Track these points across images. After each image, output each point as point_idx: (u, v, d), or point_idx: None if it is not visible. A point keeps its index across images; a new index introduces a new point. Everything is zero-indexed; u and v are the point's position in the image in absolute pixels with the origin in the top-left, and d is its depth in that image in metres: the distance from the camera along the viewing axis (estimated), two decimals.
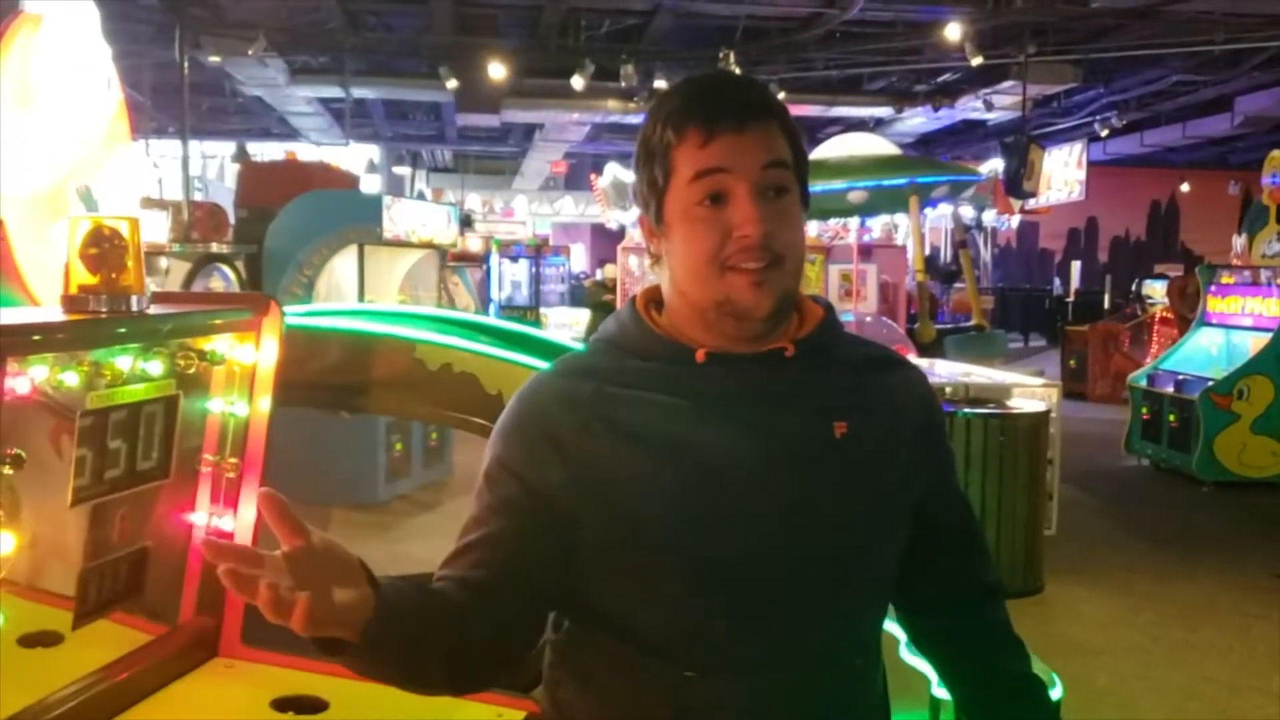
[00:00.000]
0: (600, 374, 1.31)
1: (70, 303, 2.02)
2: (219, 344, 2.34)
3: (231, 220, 9.36)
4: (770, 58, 14.89)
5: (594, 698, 1.32)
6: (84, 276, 2.04)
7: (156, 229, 8.45)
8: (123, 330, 2.06)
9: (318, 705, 2.31)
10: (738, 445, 1.26)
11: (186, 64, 10.59)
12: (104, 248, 2.05)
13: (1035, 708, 1.49)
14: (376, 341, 2.92)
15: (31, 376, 1.87)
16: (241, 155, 18.97)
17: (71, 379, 1.92)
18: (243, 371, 2.45)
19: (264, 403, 2.47)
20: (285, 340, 2.58)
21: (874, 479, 1.33)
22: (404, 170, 28.02)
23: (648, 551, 1.25)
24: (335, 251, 8.43)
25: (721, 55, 12.96)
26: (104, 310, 2.03)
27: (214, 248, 8.37)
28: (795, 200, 1.30)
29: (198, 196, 21.61)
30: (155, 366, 2.13)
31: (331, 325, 2.98)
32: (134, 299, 2.07)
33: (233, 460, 2.45)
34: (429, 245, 9.13)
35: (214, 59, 14.04)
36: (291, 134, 22.19)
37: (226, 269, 8.35)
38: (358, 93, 17.48)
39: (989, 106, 16.58)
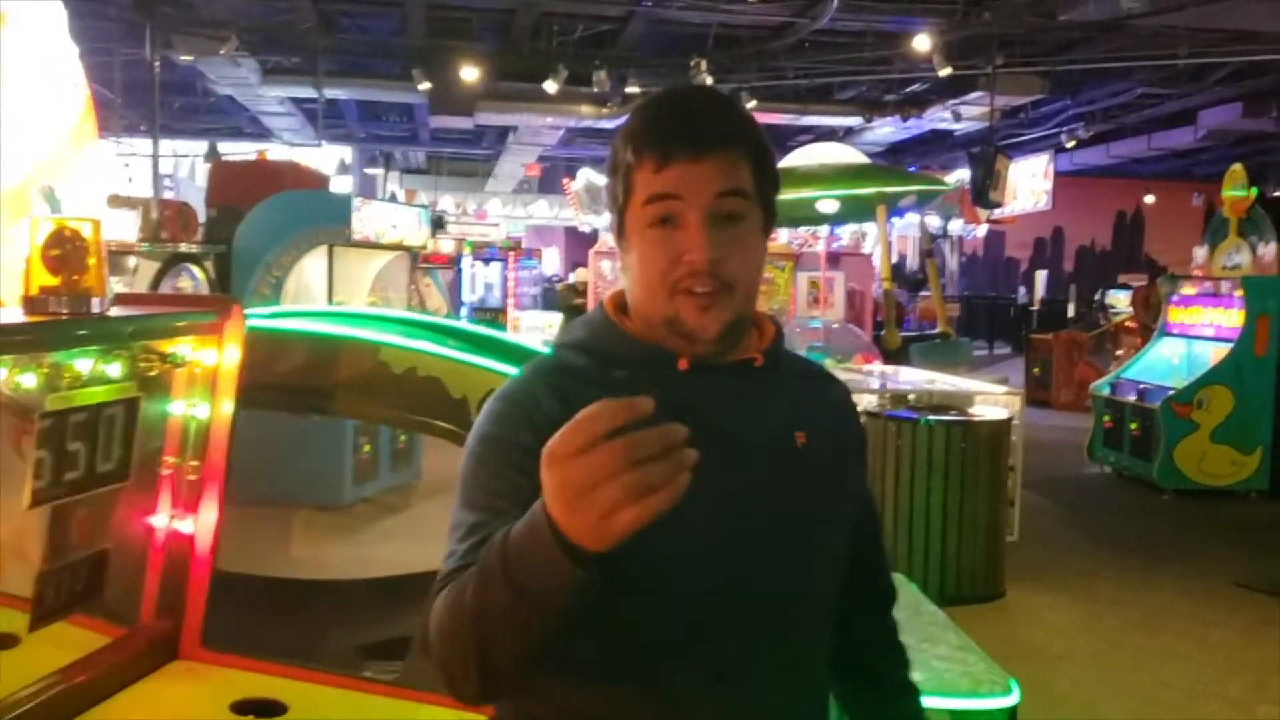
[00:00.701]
0: (586, 379, 1.31)
1: (30, 304, 2.02)
2: (181, 346, 2.35)
3: (201, 220, 9.30)
4: (741, 66, 14.96)
5: (558, 706, 1.31)
6: (45, 277, 2.04)
7: (125, 228, 8.39)
8: (83, 332, 2.06)
9: (277, 708, 2.31)
10: (713, 452, 1.28)
11: (158, 63, 10.54)
12: (65, 249, 2.05)
13: (910, 712, 1.61)
14: (341, 344, 2.93)
15: None
16: (212, 155, 18.84)
17: (31, 380, 1.92)
18: (205, 374, 2.45)
19: (226, 405, 2.48)
20: (249, 342, 2.59)
21: (830, 487, 1.37)
22: (376, 171, 27.91)
23: (619, 556, 1.26)
24: (304, 252, 8.39)
25: (693, 63, 13.02)
26: (64, 311, 2.03)
27: (183, 247, 8.30)
28: (752, 226, 1.31)
29: (168, 195, 21.48)
30: (116, 368, 2.13)
31: (296, 328, 2.98)
32: (95, 300, 2.07)
33: (194, 463, 2.45)
34: (399, 247, 9.11)
35: (185, 58, 13.95)
36: (264, 134, 22.07)
37: (195, 269, 8.28)
38: (330, 93, 17.41)
39: (957, 117, 16.72)
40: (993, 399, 7.23)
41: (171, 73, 15.60)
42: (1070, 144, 19.28)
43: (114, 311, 2.14)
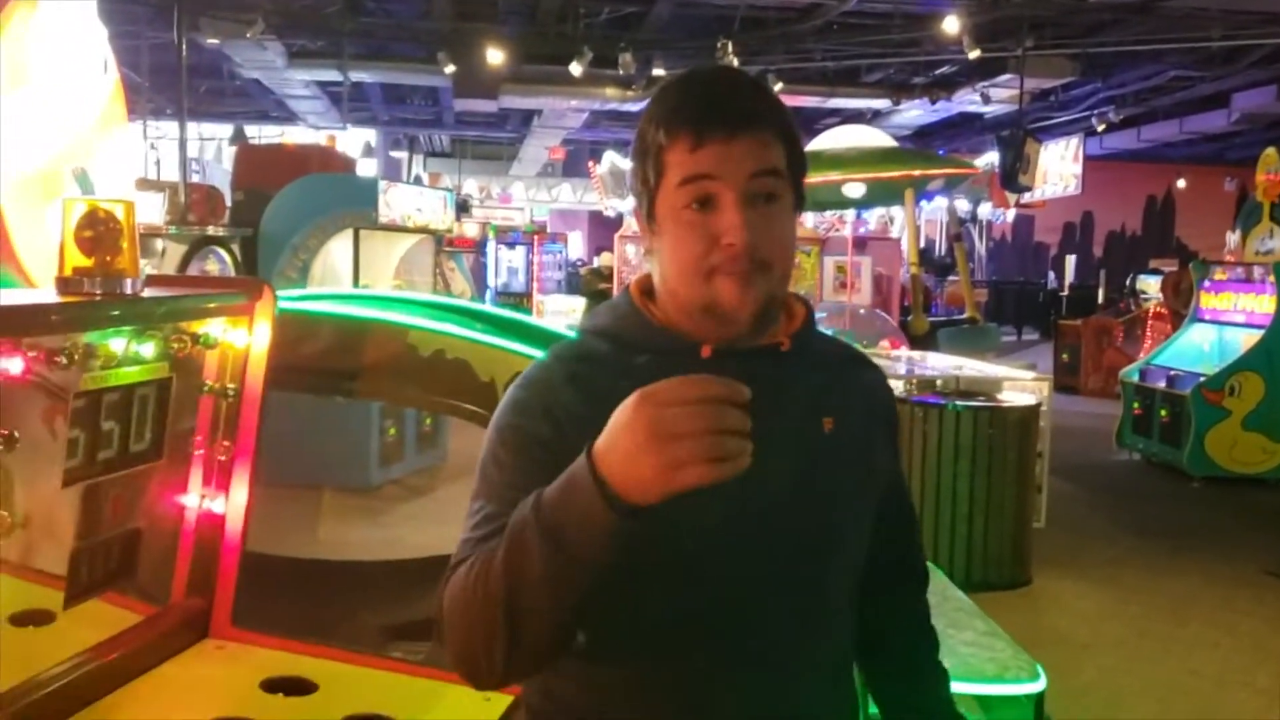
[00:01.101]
0: (609, 367, 1.31)
1: (64, 285, 2.04)
2: (212, 327, 2.36)
3: (228, 203, 9.35)
4: (768, 48, 14.88)
5: (585, 685, 1.32)
6: (78, 259, 2.05)
7: (152, 211, 8.45)
8: (116, 313, 2.07)
9: (307, 687, 2.33)
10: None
11: (184, 46, 10.56)
12: (99, 230, 2.06)
13: (938, 698, 1.59)
14: (369, 327, 2.94)
15: (25, 357, 1.88)
16: (238, 137, 18.93)
17: (65, 361, 1.94)
18: (235, 355, 2.47)
19: (256, 386, 2.49)
20: (278, 324, 2.60)
21: (856, 473, 1.37)
22: (401, 154, 27.97)
23: (647, 542, 1.26)
24: (331, 235, 8.41)
25: (719, 45, 12.94)
26: (98, 292, 2.04)
27: (210, 230, 8.35)
28: (786, 206, 1.30)
29: (195, 179, 21.59)
30: (148, 349, 2.15)
31: (324, 310, 2.99)
32: (128, 281, 2.08)
33: (225, 443, 2.47)
34: (424, 230, 9.12)
35: (212, 41, 14.00)
36: (289, 117, 22.15)
37: (222, 252, 8.33)
38: (356, 76, 17.43)
39: (986, 100, 16.58)
40: (1021, 385, 7.19)
41: (198, 56, 15.66)
42: (1101, 127, 19.09)
43: (147, 292, 2.15)
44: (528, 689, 1.39)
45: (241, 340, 2.45)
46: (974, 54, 13.10)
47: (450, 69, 15.05)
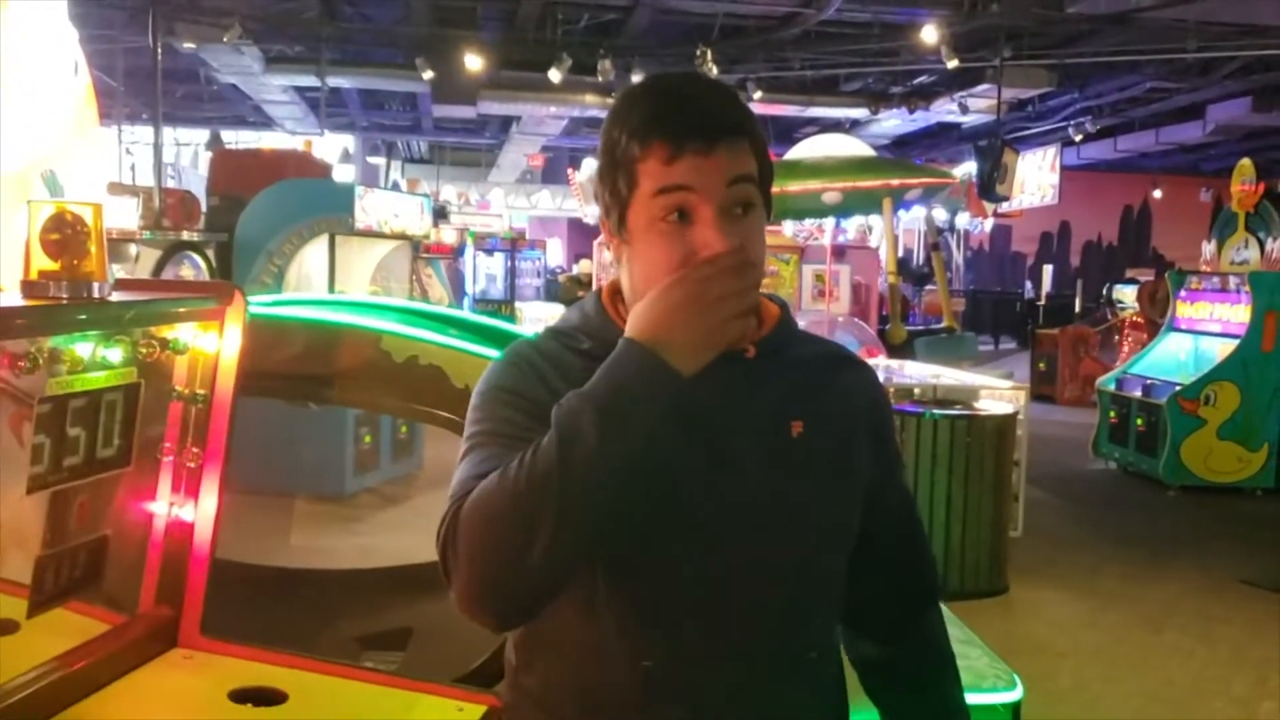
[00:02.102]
0: (570, 366, 1.29)
1: (29, 288, 1.99)
2: (182, 332, 2.32)
3: (204, 208, 9.27)
4: (747, 56, 14.91)
5: (557, 684, 1.32)
6: (44, 262, 2.01)
7: (126, 215, 8.37)
8: (83, 317, 2.03)
9: (276, 697, 2.29)
10: (696, 445, 1.26)
11: (160, 49, 10.50)
12: (65, 233, 2.02)
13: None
14: (341, 332, 2.90)
15: None
16: (215, 143, 18.81)
17: (30, 366, 1.90)
18: (206, 360, 2.43)
19: (227, 392, 2.45)
20: (249, 329, 2.56)
21: (829, 477, 1.34)
22: (379, 160, 27.87)
23: (619, 543, 1.24)
24: (306, 241, 8.37)
25: (699, 53, 12.96)
26: (64, 296, 2.00)
27: (185, 235, 8.29)
28: (759, 214, 1.29)
29: (170, 183, 21.45)
30: (116, 354, 2.11)
31: (296, 315, 2.96)
32: (95, 285, 2.04)
33: (194, 449, 2.43)
34: (401, 236, 9.08)
35: (188, 45, 13.92)
36: (266, 122, 22.04)
37: (197, 257, 8.27)
38: (333, 82, 17.37)
39: (964, 109, 16.67)
40: (998, 394, 7.20)
41: (174, 60, 15.56)
42: (1078, 138, 19.22)
43: (114, 296, 2.11)
44: (505, 690, 1.38)
45: (212, 345, 2.41)
46: (952, 64, 13.16)
47: (428, 75, 15.00)
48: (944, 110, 17.51)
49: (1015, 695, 3.21)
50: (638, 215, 1.26)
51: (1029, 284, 27.10)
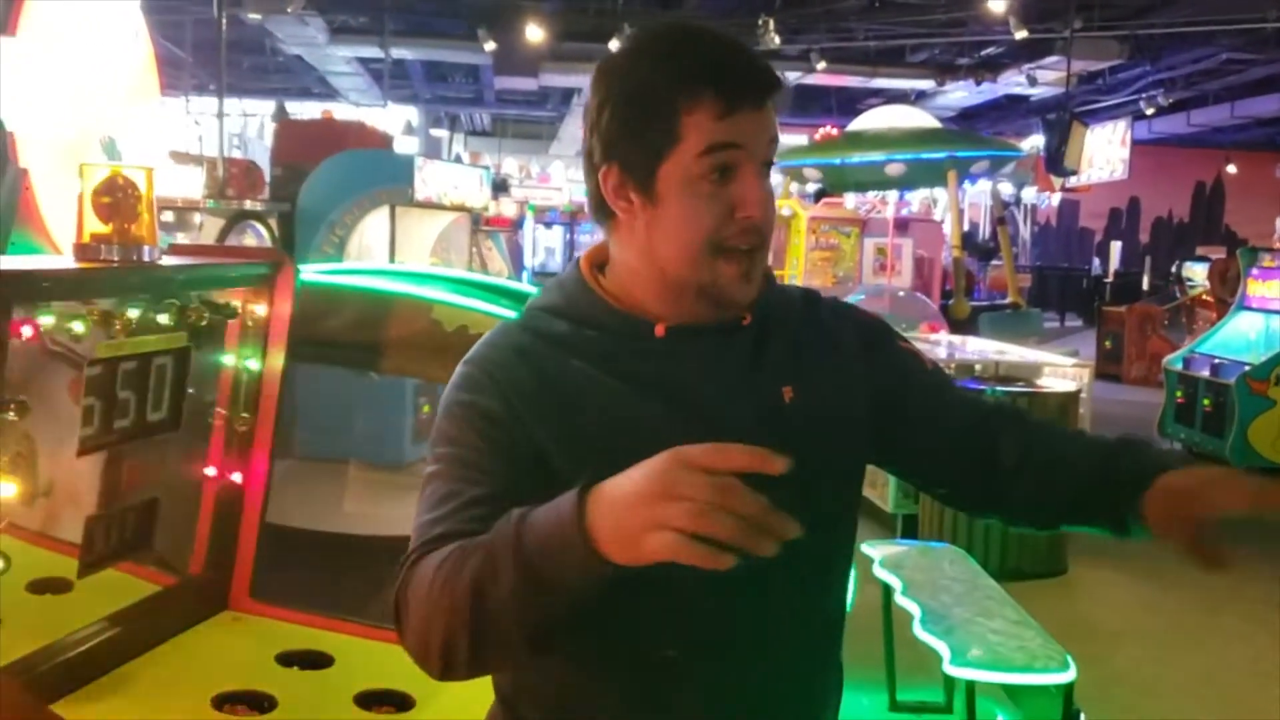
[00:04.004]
0: (558, 344, 1.25)
1: (82, 251, 2.02)
2: (233, 298, 2.35)
3: (267, 178, 9.37)
4: (810, 26, 14.72)
5: (558, 677, 1.26)
6: (96, 225, 2.03)
7: (191, 184, 8.50)
8: (134, 280, 2.06)
9: (323, 660, 2.32)
10: (694, 420, 1.22)
11: (226, 21, 10.62)
12: (117, 197, 2.05)
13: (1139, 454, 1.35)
14: (394, 301, 2.91)
15: (41, 324, 1.87)
16: (280, 114, 19.00)
17: (81, 328, 1.93)
18: (256, 327, 2.45)
19: (277, 358, 2.47)
20: (303, 297, 2.58)
21: (824, 436, 1.28)
22: (441, 133, 28.00)
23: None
24: (367, 212, 8.41)
25: (760, 22, 12.81)
26: (115, 259, 2.03)
27: (247, 205, 8.38)
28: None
29: (236, 154, 21.71)
30: (166, 318, 2.13)
31: (349, 284, 2.98)
32: (146, 249, 2.07)
33: (244, 415, 2.45)
34: (460, 208, 9.11)
35: (254, 16, 14.04)
36: (331, 94, 22.22)
37: (260, 226, 8.36)
38: (396, 53, 17.45)
39: (1032, 82, 16.32)
40: (1061, 371, 7.08)
41: (241, 32, 15.71)
42: (1149, 111, 18.76)
43: (165, 261, 2.14)
44: (499, 681, 1.33)
45: (262, 312, 2.43)
46: (1020, 34, 12.90)
47: (490, 46, 15.01)
48: (1012, 82, 17.19)
49: (1068, 676, 3.17)
50: (675, 173, 1.19)
51: (1096, 260, 26.62)
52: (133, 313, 2.05)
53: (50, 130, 3.27)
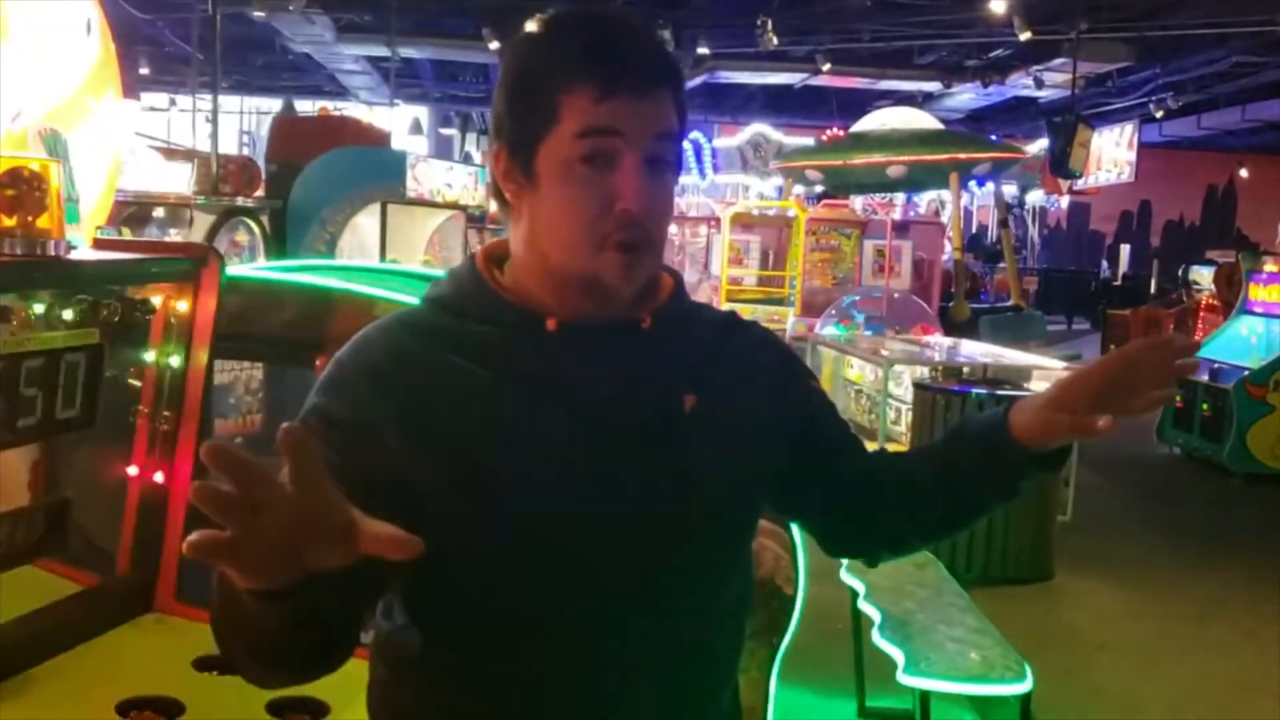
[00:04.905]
0: (438, 338, 1.20)
1: None
2: (151, 294, 2.30)
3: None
4: (813, 27, 14.63)
5: (436, 695, 1.22)
6: None
7: (181, 180, 8.48)
8: (38, 275, 2.02)
9: None
10: (583, 420, 1.18)
11: (235, 18, 10.64)
12: (21, 190, 2.00)
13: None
14: (335, 297, 2.86)
15: None
16: (288, 111, 19.01)
17: None
18: (180, 323, 2.40)
19: (201, 356, 2.42)
20: (243, 293, 2.53)
21: (724, 449, 1.24)
22: (451, 132, 28.00)
23: (487, 538, 1.15)
24: (359, 209, 8.40)
25: (759, 23, 12.74)
26: (19, 253, 1.98)
27: (239, 202, 8.35)
28: (675, 175, 1.21)
29: (245, 151, 21.74)
30: (73, 314, 2.08)
31: (290, 280, 2.93)
32: (52, 244, 2.02)
33: (166, 413, 2.41)
34: (454, 206, 9.08)
35: (258, 14, 14.05)
36: (341, 92, 22.24)
37: (251, 223, 8.33)
38: (404, 52, 17.42)
39: (1039, 84, 16.21)
40: (1052, 375, 6.99)
41: (251, 29, 15.74)
42: (1159, 114, 18.61)
43: (73, 256, 2.09)
44: (372, 701, 1.29)
45: (185, 308, 2.38)
46: (1024, 36, 12.81)
47: (495, 45, 14.98)
48: (1020, 85, 17.07)
49: (1024, 687, 3.10)
50: (551, 155, 1.15)
51: (1105, 264, 26.45)
52: (37, 308, 2.00)
53: None
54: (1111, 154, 18.36)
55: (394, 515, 1.09)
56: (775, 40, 12.69)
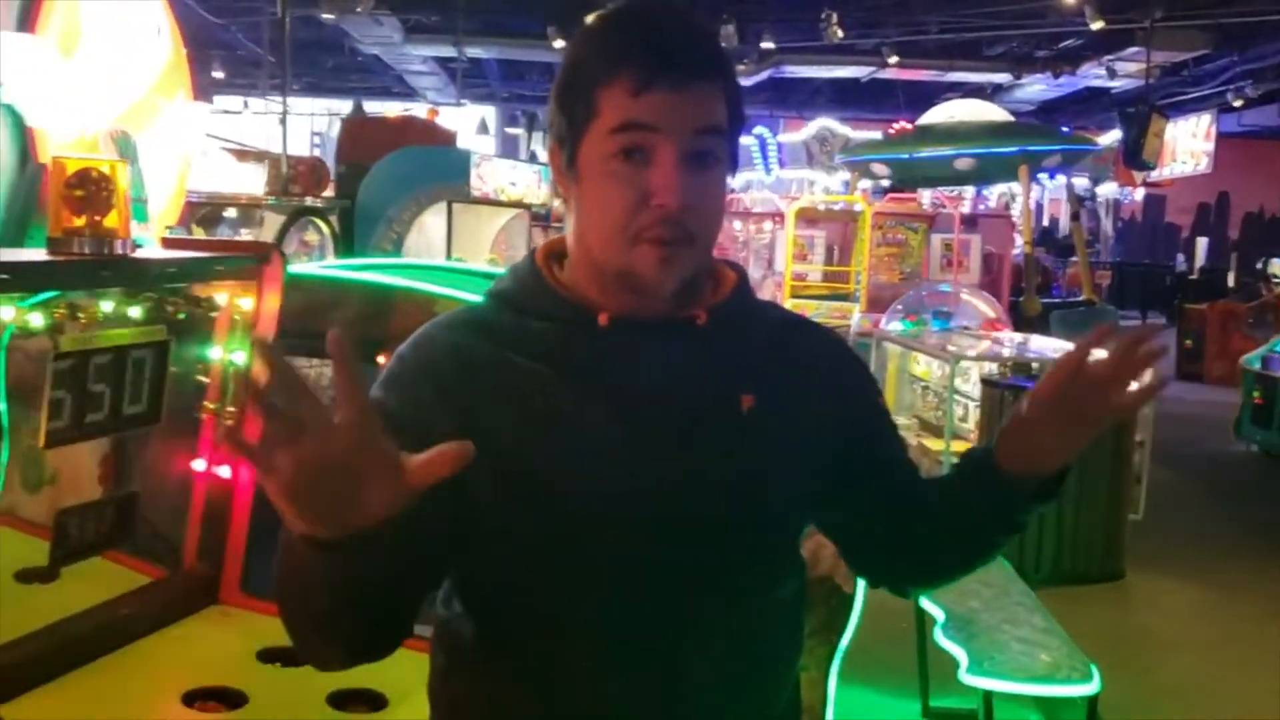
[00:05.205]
0: (496, 334, 1.22)
1: (54, 244, 2.03)
2: (216, 291, 2.34)
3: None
4: (879, 20, 14.48)
5: (487, 685, 1.23)
6: (68, 218, 2.04)
7: (256, 182, 8.63)
8: (105, 273, 2.06)
9: None
10: (630, 416, 1.18)
11: (305, 21, 10.82)
12: (89, 190, 2.05)
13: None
14: (395, 295, 2.90)
15: (3, 316, 1.88)
16: (357, 113, 19.27)
17: (42, 321, 1.93)
18: (244, 320, 2.44)
19: None
20: (305, 290, 2.57)
21: (782, 451, 1.23)
22: (518, 131, 28.16)
23: (537, 533, 1.17)
24: (425, 208, 8.48)
25: (824, 16, 12.64)
26: (87, 252, 2.03)
27: (308, 202, 8.48)
28: (723, 171, 1.20)
29: (316, 152, 22.05)
30: (140, 311, 2.13)
31: (351, 277, 2.97)
32: (118, 243, 2.07)
33: (231, 409, 2.45)
34: (518, 204, 9.13)
35: (326, 16, 14.25)
36: (409, 93, 22.48)
37: (320, 223, 8.46)
38: (471, 52, 17.56)
39: (1112, 74, 15.85)
40: None
41: (321, 32, 15.98)
42: (1238, 103, 18.11)
43: (140, 254, 2.14)
44: (433, 687, 1.30)
45: (249, 305, 2.42)
46: (1097, 25, 12.54)
47: (560, 44, 15.04)
48: (1091, 75, 16.72)
49: (1091, 688, 3.05)
50: (590, 150, 1.16)
51: (1181, 257, 25.85)
52: (104, 306, 2.05)
53: (69, 125, 3.30)
54: (1188, 144, 17.93)
55: (444, 511, 1.12)
56: (840, 34, 12.57)
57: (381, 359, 1.30)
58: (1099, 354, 1.20)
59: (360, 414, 0.92)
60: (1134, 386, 1.21)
